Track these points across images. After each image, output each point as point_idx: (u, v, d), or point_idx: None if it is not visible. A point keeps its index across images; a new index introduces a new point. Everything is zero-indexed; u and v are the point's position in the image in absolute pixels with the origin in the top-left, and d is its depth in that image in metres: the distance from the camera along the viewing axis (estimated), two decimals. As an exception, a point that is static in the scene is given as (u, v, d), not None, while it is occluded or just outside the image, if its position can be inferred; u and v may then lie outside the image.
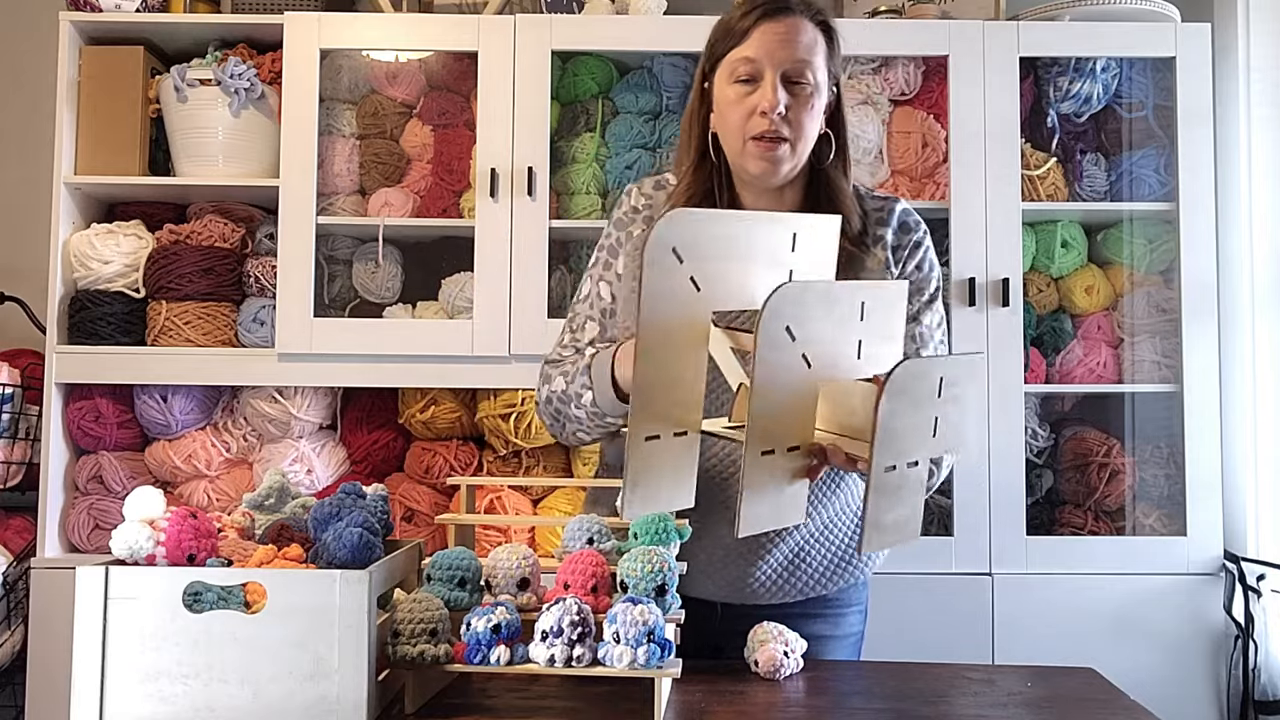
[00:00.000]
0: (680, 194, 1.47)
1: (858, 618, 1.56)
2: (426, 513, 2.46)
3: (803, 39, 1.38)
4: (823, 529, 1.49)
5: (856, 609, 1.55)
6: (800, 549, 1.48)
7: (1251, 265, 2.49)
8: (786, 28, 1.37)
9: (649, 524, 1.26)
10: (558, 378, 1.45)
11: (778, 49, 1.37)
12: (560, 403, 1.44)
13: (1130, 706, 1.23)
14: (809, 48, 1.38)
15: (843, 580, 1.51)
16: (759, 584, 1.47)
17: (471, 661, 1.11)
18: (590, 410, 1.39)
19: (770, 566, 1.46)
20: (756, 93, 1.37)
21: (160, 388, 2.46)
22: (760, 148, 1.38)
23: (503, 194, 2.40)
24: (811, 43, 1.39)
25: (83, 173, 2.48)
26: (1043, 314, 2.56)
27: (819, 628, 1.48)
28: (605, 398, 1.36)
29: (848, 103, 1.51)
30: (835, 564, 1.50)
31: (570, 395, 1.42)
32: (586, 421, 1.41)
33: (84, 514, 2.44)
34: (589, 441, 1.49)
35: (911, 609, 2.36)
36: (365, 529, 1.15)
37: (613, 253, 1.51)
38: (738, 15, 1.41)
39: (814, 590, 1.49)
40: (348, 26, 2.47)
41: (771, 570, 1.46)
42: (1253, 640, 2.38)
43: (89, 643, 1.08)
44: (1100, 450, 2.53)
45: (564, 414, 1.44)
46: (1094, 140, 2.61)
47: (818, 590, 1.49)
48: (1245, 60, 2.52)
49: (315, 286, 2.43)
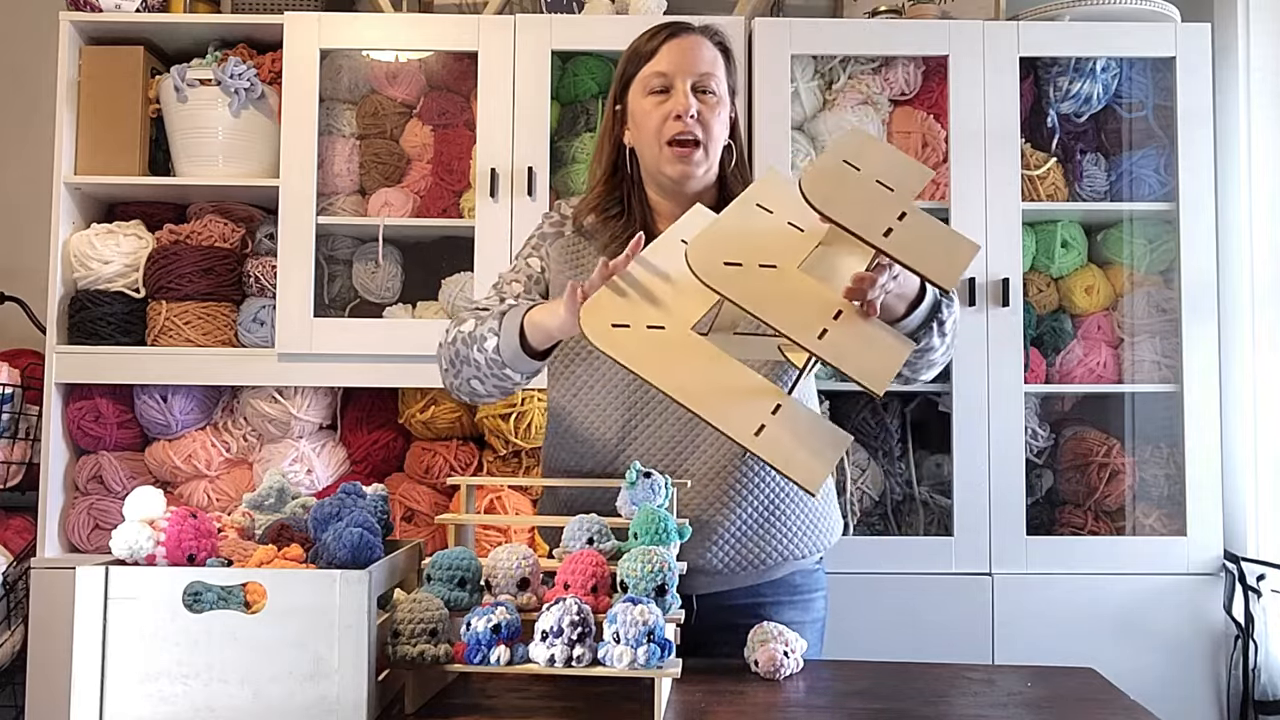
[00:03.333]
0: (591, 201, 1.60)
1: (822, 602, 1.60)
2: (426, 513, 2.46)
3: (706, 54, 1.55)
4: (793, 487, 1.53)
5: (820, 593, 1.60)
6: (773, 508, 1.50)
7: (1251, 265, 2.49)
8: (692, 44, 1.54)
9: (649, 524, 1.26)
10: (470, 320, 1.51)
11: (685, 62, 1.53)
12: (463, 344, 1.48)
13: (1130, 706, 1.23)
14: (712, 62, 1.55)
15: (814, 541, 1.54)
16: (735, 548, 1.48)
17: (471, 661, 1.11)
18: (491, 357, 1.45)
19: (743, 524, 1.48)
20: (670, 100, 1.52)
21: (160, 388, 2.46)
22: (676, 152, 1.51)
23: (503, 194, 2.40)
24: (714, 58, 1.55)
25: (83, 173, 2.48)
26: (1043, 314, 2.56)
27: (791, 614, 1.52)
28: (510, 346, 1.43)
29: (847, 103, 1.56)
30: (809, 522, 1.54)
31: (475, 337, 1.47)
32: (485, 368, 1.46)
33: (84, 514, 2.44)
34: (481, 395, 1.52)
35: (911, 609, 2.37)
36: (365, 529, 1.15)
37: (536, 248, 1.62)
38: (645, 38, 1.57)
39: (791, 550, 1.51)
40: (348, 26, 2.47)
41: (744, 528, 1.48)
42: (1253, 640, 2.38)
43: (89, 643, 1.08)
44: (1100, 450, 2.53)
45: (464, 355, 1.48)
46: (1094, 140, 2.61)
47: (794, 550, 1.51)
48: (1245, 60, 2.52)
49: (315, 286, 2.43)
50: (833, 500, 1.63)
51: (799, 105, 2.52)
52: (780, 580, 1.53)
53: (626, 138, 1.58)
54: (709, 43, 1.56)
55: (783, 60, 2.43)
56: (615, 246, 1.53)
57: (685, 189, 1.55)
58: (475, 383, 1.50)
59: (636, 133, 1.56)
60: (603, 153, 1.61)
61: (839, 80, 2.54)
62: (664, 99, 1.52)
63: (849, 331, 1.13)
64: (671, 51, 1.53)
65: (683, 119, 1.49)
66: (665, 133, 1.50)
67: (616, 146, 1.59)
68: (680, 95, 1.50)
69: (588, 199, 1.61)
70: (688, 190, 1.55)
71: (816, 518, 1.55)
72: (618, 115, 1.59)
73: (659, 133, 1.51)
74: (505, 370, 1.45)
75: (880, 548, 2.42)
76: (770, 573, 1.52)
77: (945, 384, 2.43)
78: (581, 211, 1.60)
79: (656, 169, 1.54)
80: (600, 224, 1.58)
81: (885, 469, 2.54)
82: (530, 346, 1.42)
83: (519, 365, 1.45)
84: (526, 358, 1.43)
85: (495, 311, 1.49)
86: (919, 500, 2.52)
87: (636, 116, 1.55)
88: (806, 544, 1.53)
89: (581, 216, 1.60)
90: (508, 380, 1.47)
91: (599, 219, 1.58)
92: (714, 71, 1.54)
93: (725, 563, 1.48)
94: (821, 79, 2.56)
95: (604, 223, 1.57)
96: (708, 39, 1.56)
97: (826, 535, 1.57)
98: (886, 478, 2.54)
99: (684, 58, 1.52)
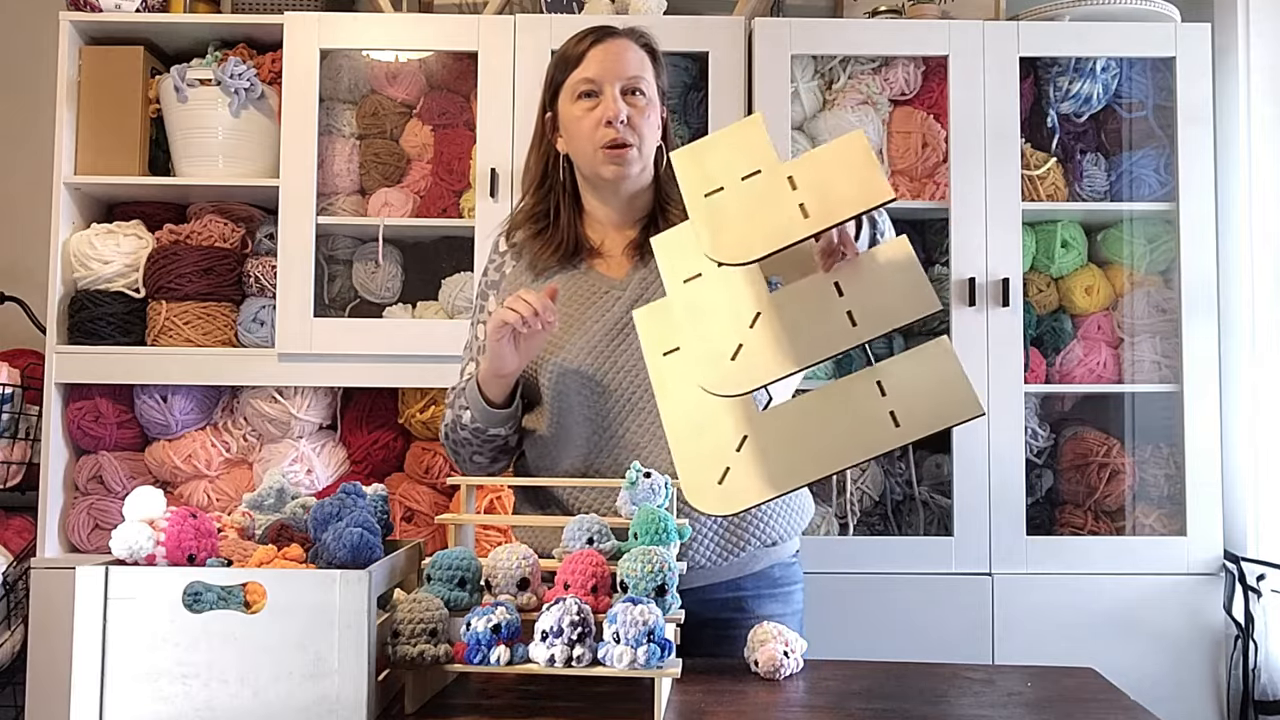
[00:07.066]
0: (524, 213, 1.62)
1: (800, 595, 1.61)
2: (426, 513, 2.46)
3: (633, 57, 1.55)
4: None
5: (799, 586, 1.61)
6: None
7: (1252, 265, 2.49)
8: (619, 48, 1.54)
9: (649, 524, 1.26)
10: (448, 412, 1.58)
11: (612, 67, 1.53)
12: (452, 431, 1.56)
13: (1130, 706, 1.23)
14: (639, 64, 1.55)
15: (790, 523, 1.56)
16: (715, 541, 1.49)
17: (471, 661, 1.11)
18: (473, 428, 1.52)
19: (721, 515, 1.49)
20: (600, 106, 1.52)
21: (160, 388, 2.46)
22: (610, 155, 1.51)
23: (503, 194, 2.40)
24: (641, 61, 1.56)
25: (83, 173, 2.48)
26: (1043, 314, 2.56)
27: (773, 607, 1.54)
28: (479, 409, 1.49)
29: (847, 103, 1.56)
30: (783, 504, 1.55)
31: (457, 423, 1.54)
32: (474, 441, 1.53)
33: (84, 514, 2.44)
34: (486, 465, 1.57)
35: (911, 609, 2.37)
36: (365, 529, 1.15)
37: (484, 296, 1.63)
38: (573, 43, 1.57)
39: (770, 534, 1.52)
40: (348, 26, 2.47)
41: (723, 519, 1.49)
42: (1253, 640, 2.38)
43: (89, 643, 1.08)
44: (1100, 450, 2.53)
45: (456, 440, 1.55)
46: (1094, 140, 2.61)
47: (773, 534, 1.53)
48: (1245, 60, 2.52)
49: (315, 286, 2.43)
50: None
51: (799, 105, 2.52)
52: (761, 573, 1.54)
53: (559, 144, 1.58)
54: (636, 45, 1.56)
55: (783, 60, 2.43)
56: (544, 257, 1.57)
57: (621, 191, 1.56)
58: (478, 458, 1.56)
59: (569, 139, 1.56)
60: (533, 160, 1.62)
61: (839, 80, 2.54)
62: (594, 104, 1.52)
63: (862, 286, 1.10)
64: (599, 56, 1.53)
65: (614, 124, 1.50)
66: (598, 139, 1.51)
67: (547, 153, 1.60)
68: (609, 101, 1.51)
69: (518, 213, 1.63)
70: (623, 192, 1.56)
71: (790, 500, 1.57)
72: (548, 123, 1.59)
73: (591, 138, 1.52)
74: (489, 433, 1.51)
75: (880, 548, 2.42)
76: (750, 565, 1.53)
77: (945, 384, 2.42)
78: (514, 228, 1.62)
79: (593, 172, 1.55)
80: (528, 238, 1.60)
81: (885, 469, 2.54)
82: (492, 400, 1.48)
83: (494, 422, 1.50)
84: (495, 411, 1.49)
85: (457, 390, 1.56)
86: (919, 500, 2.52)
87: (567, 123, 1.55)
88: (783, 527, 1.55)
89: (514, 233, 1.62)
90: (497, 440, 1.53)
91: (528, 233, 1.60)
92: (642, 74, 1.54)
93: (708, 556, 1.49)
94: (821, 79, 2.56)
95: (533, 237, 1.59)
96: (634, 42, 1.56)
97: (800, 515, 1.60)
98: (886, 478, 2.54)
99: (612, 62, 1.53)
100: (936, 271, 2.53)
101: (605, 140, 1.51)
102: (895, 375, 1.10)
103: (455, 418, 1.54)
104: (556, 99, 1.58)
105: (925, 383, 1.09)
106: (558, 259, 1.57)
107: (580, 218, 1.60)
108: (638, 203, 1.59)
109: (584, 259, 1.58)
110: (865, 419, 1.08)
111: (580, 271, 1.57)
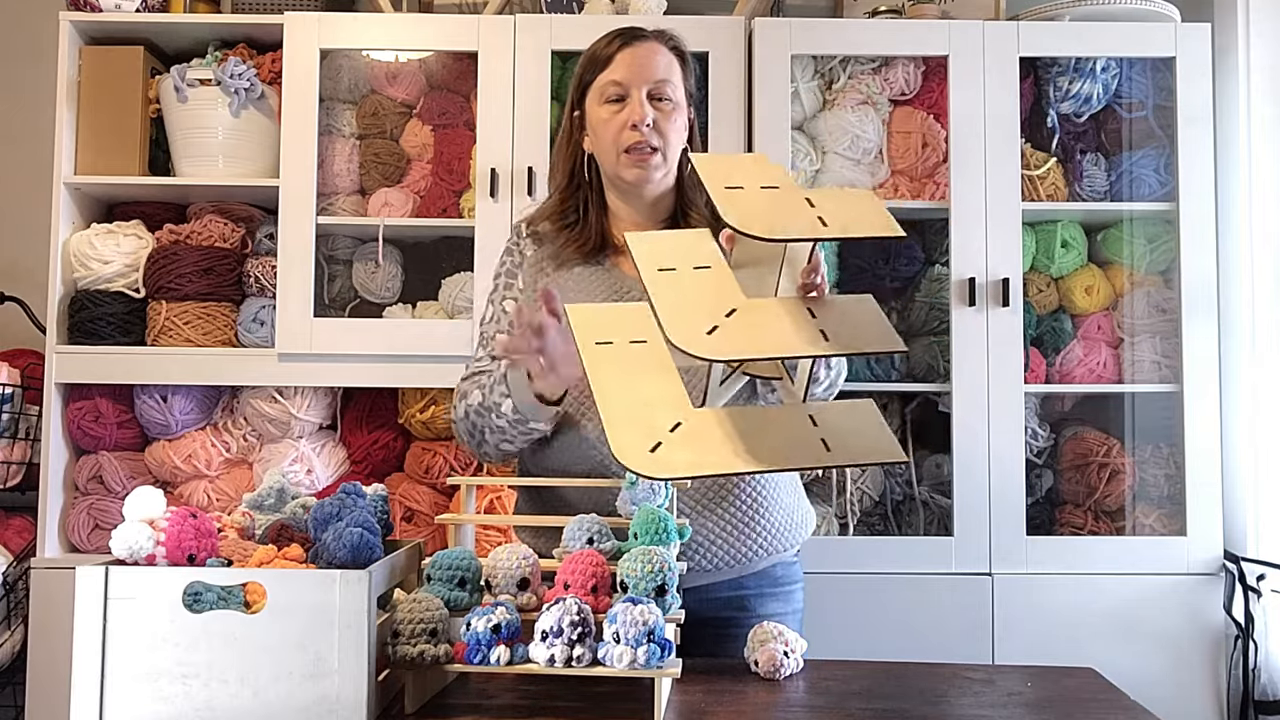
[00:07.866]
0: (551, 209, 1.62)
1: (801, 594, 1.62)
2: (426, 513, 2.46)
3: (661, 61, 1.55)
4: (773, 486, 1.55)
5: (799, 585, 1.62)
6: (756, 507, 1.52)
7: (1252, 265, 2.49)
8: (647, 51, 1.55)
9: (649, 524, 1.26)
10: (474, 391, 1.51)
11: (640, 70, 1.54)
12: (478, 415, 1.49)
13: (1130, 706, 1.23)
14: (667, 68, 1.56)
15: (793, 535, 1.57)
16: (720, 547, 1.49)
17: (471, 661, 1.11)
18: (512, 418, 1.44)
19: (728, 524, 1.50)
20: (626, 109, 1.53)
21: (160, 388, 2.46)
22: (634, 158, 1.53)
23: (503, 194, 2.40)
24: (669, 64, 1.56)
25: (83, 173, 2.48)
26: (1043, 314, 2.56)
27: (774, 606, 1.55)
28: (525, 401, 1.42)
29: (847, 103, 1.56)
30: (787, 518, 1.56)
31: (489, 406, 1.47)
32: (510, 430, 1.46)
33: (84, 514, 2.44)
34: (513, 452, 1.53)
35: (911, 609, 2.37)
36: (365, 529, 1.15)
37: (510, 274, 1.62)
38: (602, 44, 1.57)
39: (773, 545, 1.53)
40: (348, 26, 2.47)
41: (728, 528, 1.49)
42: (1253, 640, 2.38)
43: (89, 643, 1.08)
44: (1100, 450, 2.53)
45: (483, 425, 1.48)
46: (1094, 140, 2.61)
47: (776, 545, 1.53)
48: (1245, 60, 2.52)
49: (315, 286, 2.43)
50: (803, 493, 1.66)
51: (799, 105, 2.52)
52: (762, 572, 1.55)
53: (585, 144, 1.59)
54: (665, 49, 1.57)
55: (783, 60, 2.43)
56: (568, 251, 1.56)
57: (644, 194, 1.57)
58: (505, 445, 1.50)
59: (594, 140, 1.57)
60: (561, 159, 1.63)
61: (839, 80, 2.54)
62: (620, 107, 1.53)
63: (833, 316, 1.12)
64: (627, 59, 1.54)
65: (638, 128, 1.51)
66: (622, 141, 1.52)
67: (575, 153, 1.61)
68: (636, 104, 1.52)
69: (545, 207, 1.64)
70: (646, 195, 1.58)
71: (794, 513, 1.58)
72: (576, 122, 1.60)
73: (616, 141, 1.53)
74: (530, 425, 1.45)
75: (880, 548, 2.42)
76: (752, 565, 1.53)
77: (945, 384, 2.43)
78: (537, 218, 1.62)
79: (615, 174, 1.56)
80: (554, 231, 1.60)
81: (885, 469, 2.54)
82: (546, 396, 1.42)
83: (540, 416, 1.44)
84: (545, 407, 1.43)
85: (497, 377, 1.47)
86: (919, 500, 2.52)
87: (593, 124, 1.56)
88: (786, 539, 1.56)
89: (537, 223, 1.62)
90: (534, 432, 1.48)
91: (554, 227, 1.60)
92: (670, 78, 1.55)
93: (712, 562, 1.49)
94: (821, 79, 2.56)
95: (558, 230, 1.59)
96: (663, 45, 1.57)
97: (803, 529, 1.61)
98: (886, 477, 2.54)
99: (639, 65, 1.54)
100: (936, 271, 2.53)
101: (629, 143, 1.52)
102: (825, 414, 1.12)
103: (485, 404, 1.47)
104: (584, 99, 1.58)
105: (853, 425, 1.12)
106: (582, 255, 1.57)
107: (606, 216, 1.61)
108: (660, 205, 1.60)
109: (608, 255, 1.58)
110: (797, 439, 1.10)
111: (604, 269, 1.57)
